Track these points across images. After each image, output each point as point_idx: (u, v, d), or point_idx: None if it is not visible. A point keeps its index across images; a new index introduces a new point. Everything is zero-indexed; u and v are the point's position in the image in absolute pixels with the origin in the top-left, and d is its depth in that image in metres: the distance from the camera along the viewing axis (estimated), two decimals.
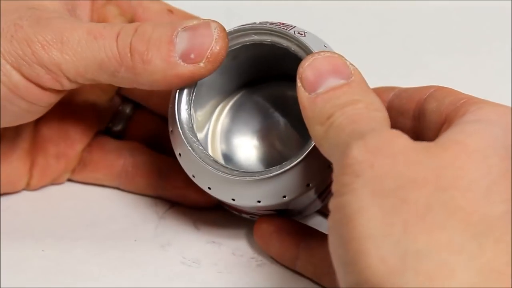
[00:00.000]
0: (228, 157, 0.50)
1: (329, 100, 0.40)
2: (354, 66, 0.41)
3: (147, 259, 0.48)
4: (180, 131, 0.45)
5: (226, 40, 0.44)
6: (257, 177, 0.43)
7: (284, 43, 0.45)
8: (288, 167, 0.43)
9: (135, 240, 0.49)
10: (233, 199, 0.45)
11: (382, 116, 0.39)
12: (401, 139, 0.37)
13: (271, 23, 0.45)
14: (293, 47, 0.44)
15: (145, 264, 0.47)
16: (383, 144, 0.36)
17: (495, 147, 0.36)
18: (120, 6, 0.51)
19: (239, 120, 0.50)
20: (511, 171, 0.35)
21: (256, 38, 0.46)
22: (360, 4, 0.67)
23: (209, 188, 0.45)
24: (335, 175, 0.37)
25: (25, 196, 0.52)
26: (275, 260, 0.47)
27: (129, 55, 0.44)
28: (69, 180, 0.53)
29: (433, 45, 0.64)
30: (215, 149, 0.50)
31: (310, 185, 0.44)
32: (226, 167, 0.45)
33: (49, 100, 0.46)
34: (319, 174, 0.43)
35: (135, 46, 0.44)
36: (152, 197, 0.52)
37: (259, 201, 0.44)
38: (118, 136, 0.54)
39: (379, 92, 0.45)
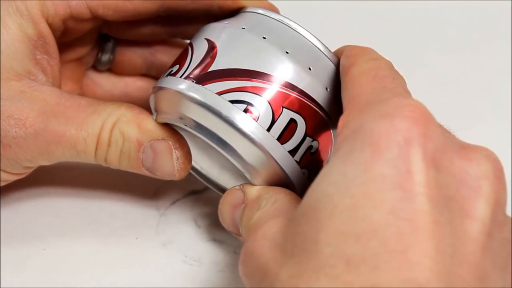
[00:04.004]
0: None
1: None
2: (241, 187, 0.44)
3: (149, 258, 0.48)
4: None
5: (188, 168, 0.47)
6: None
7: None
8: None
9: (136, 238, 0.49)
10: None
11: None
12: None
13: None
14: None
15: (147, 263, 0.48)
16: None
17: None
18: None
19: None
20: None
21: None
22: (360, 4, 0.67)
23: None
24: None
25: (26, 194, 0.51)
26: None
27: (104, 164, 0.47)
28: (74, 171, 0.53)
29: (434, 44, 0.64)
30: None
31: None
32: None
33: None
34: None
35: (109, 161, 0.46)
36: None
37: None
38: None
39: None
